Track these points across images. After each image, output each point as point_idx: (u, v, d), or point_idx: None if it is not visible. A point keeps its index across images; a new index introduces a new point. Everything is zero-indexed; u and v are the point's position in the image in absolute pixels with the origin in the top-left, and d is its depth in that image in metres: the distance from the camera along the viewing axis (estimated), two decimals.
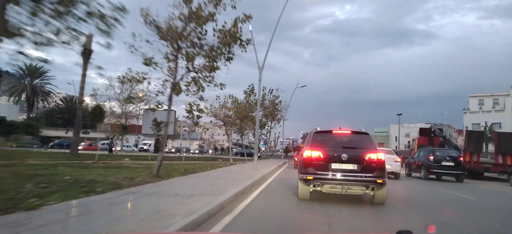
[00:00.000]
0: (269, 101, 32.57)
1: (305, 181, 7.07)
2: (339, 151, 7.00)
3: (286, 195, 8.51)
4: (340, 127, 8.02)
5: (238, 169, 15.75)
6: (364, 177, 6.76)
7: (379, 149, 8.20)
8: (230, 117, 22.85)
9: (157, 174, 9.59)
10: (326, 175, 6.88)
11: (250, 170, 14.99)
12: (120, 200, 6.00)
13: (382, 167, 6.94)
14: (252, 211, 6.19)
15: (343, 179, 6.77)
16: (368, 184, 6.74)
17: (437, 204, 8.88)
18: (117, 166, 14.18)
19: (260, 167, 16.92)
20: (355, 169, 6.83)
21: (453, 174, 16.29)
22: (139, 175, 9.95)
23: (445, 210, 7.96)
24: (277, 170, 18.68)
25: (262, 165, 19.00)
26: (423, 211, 7.33)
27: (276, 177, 14.18)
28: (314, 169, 6.96)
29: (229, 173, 13.25)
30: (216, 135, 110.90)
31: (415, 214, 6.84)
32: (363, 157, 6.91)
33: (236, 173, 13.57)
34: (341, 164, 6.86)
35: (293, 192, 8.65)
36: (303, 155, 7.47)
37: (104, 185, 7.30)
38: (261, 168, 16.09)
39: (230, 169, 15.83)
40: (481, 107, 64.92)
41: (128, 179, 8.68)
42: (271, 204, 7.20)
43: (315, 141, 7.46)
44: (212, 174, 12.45)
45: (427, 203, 8.94)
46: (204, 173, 12.71)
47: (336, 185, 6.83)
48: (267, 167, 17.88)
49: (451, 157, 16.37)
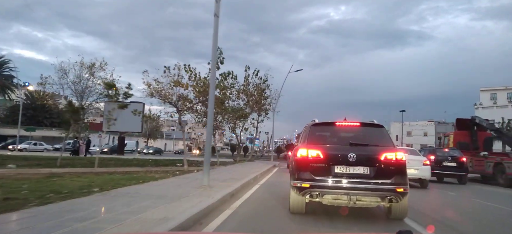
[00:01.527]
0: (254, 85, 25.80)
1: (299, 189, 5.30)
2: (345, 150, 5.28)
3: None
4: (345, 118, 6.17)
5: (162, 191, 7.17)
6: (379, 185, 5.08)
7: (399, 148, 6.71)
8: (187, 99, 14.90)
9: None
10: (327, 182, 5.17)
11: (190, 190, 7.56)
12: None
13: (402, 170, 5.28)
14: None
15: (350, 187, 5.07)
16: (385, 193, 5.06)
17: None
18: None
19: (222, 181, 9.90)
20: (367, 173, 5.15)
21: (456, 175, 15.32)
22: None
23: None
24: (258, 180, 12.45)
25: (232, 174, 12.27)
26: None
27: (250, 197, 8.08)
28: (311, 174, 5.25)
29: (125, 203, 5.65)
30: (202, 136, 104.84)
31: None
32: (377, 157, 5.23)
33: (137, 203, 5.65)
34: (347, 166, 5.19)
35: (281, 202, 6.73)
36: (297, 155, 5.53)
37: None
38: (222, 183, 9.16)
39: (150, 190, 7.45)
40: (495, 101, 59.68)
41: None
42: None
43: (313, 137, 5.72)
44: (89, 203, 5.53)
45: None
46: (85, 200, 5.87)
47: (340, 195, 5.11)
48: (238, 178, 10.75)
49: (453, 158, 15.37)
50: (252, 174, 13.16)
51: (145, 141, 79.57)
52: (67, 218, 4.29)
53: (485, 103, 61.54)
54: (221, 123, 20.26)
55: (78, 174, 10.60)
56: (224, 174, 12.29)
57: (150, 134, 76.84)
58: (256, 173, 13.66)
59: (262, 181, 12.00)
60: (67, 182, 8.22)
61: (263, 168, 18.41)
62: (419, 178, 11.80)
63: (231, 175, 12.02)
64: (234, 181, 10.00)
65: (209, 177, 8.12)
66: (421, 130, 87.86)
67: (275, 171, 19.11)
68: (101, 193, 6.55)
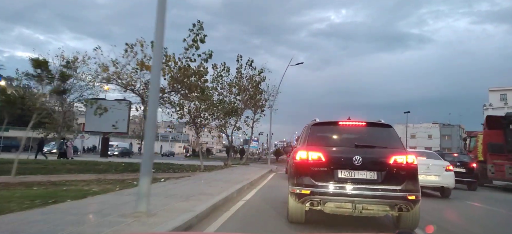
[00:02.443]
0: (248, 78, 22.44)
1: (298, 196, 4.85)
2: (350, 152, 4.86)
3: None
4: (349, 117, 5.56)
5: (56, 223, 5.12)
6: (388, 191, 4.61)
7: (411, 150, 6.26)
8: (161, 89, 11.28)
9: None
10: (329, 188, 4.71)
11: (110, 221, 4.25)
12: None
13: (414, 175, 4.82)
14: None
15: (355, 194, 4.62)
16: (394, 201, 4.61)
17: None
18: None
19: (184, 199, 6.45)
20: (374, 178, 4.70)
21: (465, 181, 14.13)
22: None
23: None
24: (244, 194, 9.53)
25: (209, 186, 8.81)
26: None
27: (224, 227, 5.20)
28: (311, 179, 4.78)
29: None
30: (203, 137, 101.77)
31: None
32: (385, 160, 4.79)
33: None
34: (352, 171, 4.73)
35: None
36: (296, 158, 5.04)
37: None
38: (179, 204, 5.81)
39: (39, 218, 5.44)
40: (505, 102, 56.73)
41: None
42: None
43: (314, 138, 5.29)
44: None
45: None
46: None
47: (344, 203, 4.67)
48: (213, 193, 7.46)
49: (462, 163, 14.39)
50: (238, 184, 9.98)
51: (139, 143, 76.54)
52: None
53: (495, 104, 58.43)
54: (207, 121, 17.06)
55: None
56: (195, 187, 9.09)
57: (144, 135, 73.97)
58: (244, 183, 10.48)
59: (249, 195, 8.83)
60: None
61: (256, 173, 15.22)
62: (441, 186, 10.24)
63: (206, 188, 8.82)
64: (205, 198, 6.80)
65: (149, 198, 4.93)
66: (425, 133, 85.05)
67: (271, 177, 15.91)
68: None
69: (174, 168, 16.47)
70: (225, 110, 16.73)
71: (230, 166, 20.89)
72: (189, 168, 16.80)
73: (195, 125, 16.45)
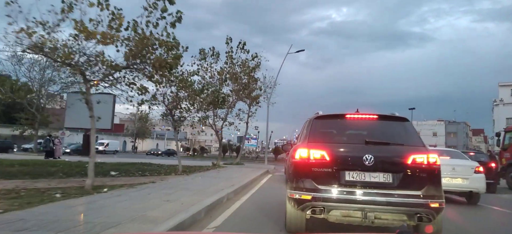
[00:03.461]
0: (240, 64, 19.25)
1: (297, 202, 4.15)
2: (359, 150, 4.16)
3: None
4: (357, 110, 4.88)
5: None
6: (405, 198, 3.91)
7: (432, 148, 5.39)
8: (106, 62, 8.03)
9: None
10: (335, 193, 4.01)
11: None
12: None
13: (437, 178, 4.11)
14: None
15: (366, 201, 3.92)
16: (413, 209, 3.91)
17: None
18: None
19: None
20: (389, 182, 4.02)
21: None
22: None
23: None
24: (215, 213, 6.55)
25: (159, 201, 5.90)
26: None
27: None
28: (313, 182, 4.09)
29: None
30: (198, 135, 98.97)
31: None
32: (402, 160, 4.11)
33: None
34: (362, 172, 4.04)
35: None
36: (295, 157, 4.36)
37: None
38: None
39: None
40: None
41: None
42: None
43: (316, 133, 4.57)
44: None
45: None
46: None
47: (353, 211, 3.98)
48: (150, 220, 4.26)
49: (480, 162, 10.93)
50: (213, 195, 7.03)
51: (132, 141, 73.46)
52: None
53: (506, 100, 55.50)
54: (189, 113, 14.00)
55: None
56: (142, 202, 6.12)
57: (137, 133, 70.85)
58: (225, 192, 7.54)
59: (225, 215, 5.86)
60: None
61: (247, 176, 12.25)
62: (470, 191, 9.04)
63: (157, 205, 5.84)
64: (135, 228, 3.83)
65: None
66: (430, 130, 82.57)
67: (266, 180, 12.94)
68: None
69: (148, 170, 13.47)
70: (208, 99, 13.64)
71: (220, 166, 17.90)
72: (166, 170, 13.82)
73: (172, 118, 13.44)
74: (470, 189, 9.07)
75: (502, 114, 53.59)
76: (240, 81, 18.88)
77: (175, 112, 13.51)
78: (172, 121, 13.55)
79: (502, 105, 55.22)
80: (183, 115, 13.82)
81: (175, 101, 13.29)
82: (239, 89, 19.07)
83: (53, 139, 24.44)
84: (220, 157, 19.46)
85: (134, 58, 8.66)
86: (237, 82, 18.89)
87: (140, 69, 9.03)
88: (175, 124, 13.66)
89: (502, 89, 57.10)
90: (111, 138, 62.57)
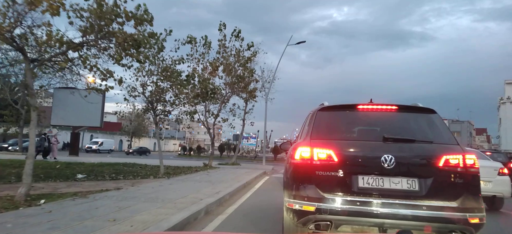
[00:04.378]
0: (235, 54, 17.24)
1: (298, 214, 3.36)
2: (376, 149, 3.42)
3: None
4: (371, 100, 4.02)
5: None
6: (437, 210, 3.15)
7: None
8: (61, 41, 6.16)
9: None
10: (345, 203, 3.22)
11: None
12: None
13: (476, 186, 3.36)
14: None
15: (386, 214, 3.15)
16: (447, 225, 3.15)
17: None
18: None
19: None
20: (415, 189, 3.27)
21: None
22: None
23: None
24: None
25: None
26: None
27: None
28: (318, 189, 3.33)
29: None
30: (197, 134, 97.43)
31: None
32: (432, 162, 3.35)
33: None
34: (380, 177, 3.30)
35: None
36: (295, 157, 3.58)
37: None
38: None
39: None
40: None
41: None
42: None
43: (321, 128, 3.76)
44: None
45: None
46: None
47: (369, 227, 3.26)
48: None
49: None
50: (183, 211, 5.27)
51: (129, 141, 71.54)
52: None
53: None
54: (174, 107, 12.17)
55: None
56: (73, 223, 4.34)
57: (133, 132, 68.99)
58: (202, 205, 5.80)
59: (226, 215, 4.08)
60: None
61: (240, 180, 10.48)
62: (493, 195, 8.09)
63: (99, 225, 4.06)
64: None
65: None
66: None
67: (261, 184, 11.14)
68: None
69: (126, 172, 11.68)
70: (195, 90, 11.77)
71: (211, 167, 16.08)
72: (148, 172, 12.03)
73: (154, 112, 11.62)
74: (494, 193, 8.28)
75: (510, 112, 51.88)
76: (234, 72, 17.04)
77: (157, 106, 11.70)
78: (154, 115, 11.73)
79: (509, 103, 53.44)
80: (166, 109, 12.02)
81: (157, 93, 11.48)
82: (234, 82, 17.23)
83: (49, 137, 22.27)
84: (212, 156, 17.60)
85: (91, 33, 6.86)
86: (231, 74, 17.06)
87: (103, 48, 7.22)
88: (157, 119, 11.84)
89: (509, 87, 55.23)
90: (106, 136, 60.67)
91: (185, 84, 11.58)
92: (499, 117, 55.58)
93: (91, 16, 6.69)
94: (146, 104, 11.97)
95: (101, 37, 6.89)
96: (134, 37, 6.94)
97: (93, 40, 6.95)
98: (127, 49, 7.29)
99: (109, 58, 7.55)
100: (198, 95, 12.12)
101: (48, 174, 10.26)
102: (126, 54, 7.49)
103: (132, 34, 7.03)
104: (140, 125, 69.04)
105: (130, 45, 7.01)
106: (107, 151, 47.44)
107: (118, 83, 7.85)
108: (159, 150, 12.41)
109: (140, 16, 7.27)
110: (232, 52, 17.28)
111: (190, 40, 11.96)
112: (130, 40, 6.89)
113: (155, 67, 11.39)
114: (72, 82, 10.70)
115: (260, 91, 20.53)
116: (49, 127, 32.99)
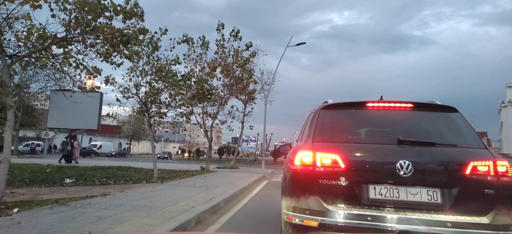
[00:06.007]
0: (233, 55, 16.76)
1: (298, 229, 2.95)
2: (389, 154, 2.99)
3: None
4: (381, 97, 3.57)
5: None
6: (464, 227, 2.69)
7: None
8: (43, 36, 5.61)
9: None
10: (353, 217, 2.81)
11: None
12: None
13: (509, 197, 2.85)
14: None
15: (403, 231, 2.70)
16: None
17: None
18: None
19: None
20: (437, 202, 2.81)
21: None
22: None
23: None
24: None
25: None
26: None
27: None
28: (321, 200, 2.91)
29: None
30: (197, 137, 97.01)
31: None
32: (457, 169, 2.91)
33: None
34: (395, 187, 2.88)
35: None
36: (294, 163, 3.13)
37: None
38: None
39: None
40: None
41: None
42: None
43: (325, 129, 3.31)
44: None
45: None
46: None
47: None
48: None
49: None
50: (167, 222, 4.78)
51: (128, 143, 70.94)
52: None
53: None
54: (169, 108, 11.65)
55: None
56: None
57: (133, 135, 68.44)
58: (185, 218, 5.30)
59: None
60: None
61: (237, 184, 9.97)
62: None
63: None
64: None
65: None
66: None
67: (260, 189, 10.61)
68: None
69: (117, 176, 11.17)
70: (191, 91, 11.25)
71: (208, 171, 15.56)
72: (140, 176, 11.52)
73: (148, 113, 11.11)
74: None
75: (511, 115, 51.28)
76: (232, 73, 16.55)
77: (150, 107, 11.19)
78: (148, 117, 11.22)
79: (511, 107, 52.83)
80: (161, 111, 11.51)
81: (151, 94, 11.00)
82: (232, 83, 16.74)
83: (71, 141, 21.48)
84: (209, 160, 17.09)
85: (77, 28, 6.37)
86: (229, 75, 16.57)
87: (90, 44, 6.73)
88: (152, 121, 11.33)
89: (510, 90, 54.61)
90: (105, 139, 60.01)
91: (180, 85, 11.09)
92: (500, 120, 54.97)
93: (76, 9, 6.22)
94: (139, 106, 11.48)
95: (87, 32, 6.42)
96: (123, 32, 6.45)
97: (78, 35, 6.47)
98: (116, 45, 6.81)
99: (96, 55, 7.08)
100: (194, 96, 11.61)
101: (35, 178, 9.77)
102: (115, 50, 7.01)
103: (121, 29, 6.55)
104: (139, 128, 68.50)
105: (119, 41, 6.53)
106: (105, 154, 46.67)
107: (105, 82, 7.35)
108: (153, 154, 11.89)
109: (129, 10, 6.79)
110: (230, 53, 16.89)
111: (186, 39, 11.47)
112: (118, 36, 6.41)
113: (149, 67, 10.93)
114: (66, 83, 10.29)
115: (259, 92, 20.13)
116: (45, 130, 32.49)
